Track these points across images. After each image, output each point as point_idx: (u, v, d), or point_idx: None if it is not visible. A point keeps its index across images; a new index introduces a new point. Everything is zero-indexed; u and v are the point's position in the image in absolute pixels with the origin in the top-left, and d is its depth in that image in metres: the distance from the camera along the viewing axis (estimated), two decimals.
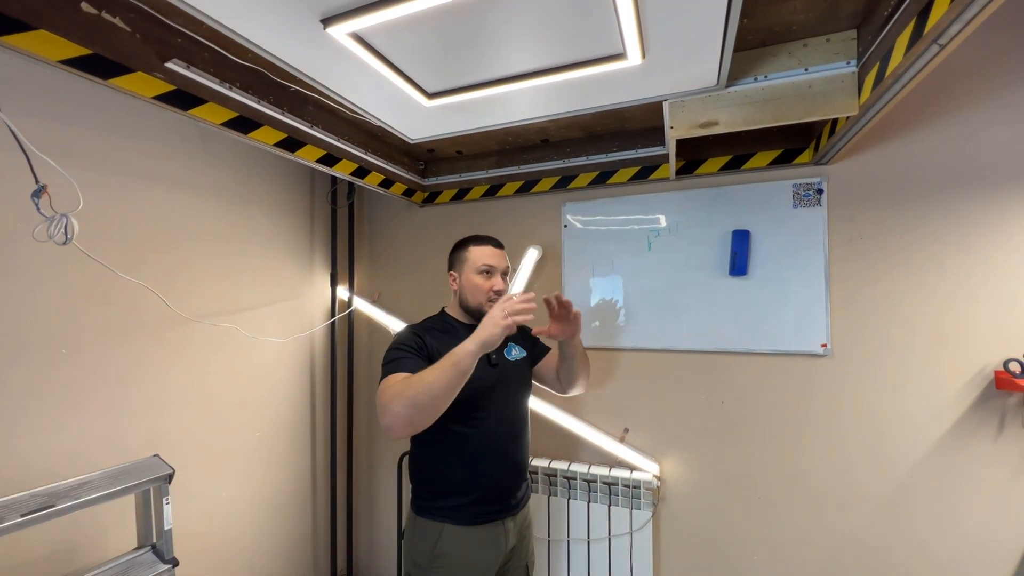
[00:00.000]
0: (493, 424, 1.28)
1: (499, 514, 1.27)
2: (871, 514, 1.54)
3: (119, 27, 1.03)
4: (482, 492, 1.25)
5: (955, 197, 1.46)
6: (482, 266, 1.32)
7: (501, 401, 1.31)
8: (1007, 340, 1.40)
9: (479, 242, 1.37)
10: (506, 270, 1.37)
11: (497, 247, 1.37)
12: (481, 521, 1.24)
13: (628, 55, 1.08)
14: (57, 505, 1.02)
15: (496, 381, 1.30)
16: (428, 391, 1.04)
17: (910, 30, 0.93)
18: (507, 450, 1.30)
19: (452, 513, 1.23)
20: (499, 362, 1.35)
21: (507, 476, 1.30)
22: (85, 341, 1.34)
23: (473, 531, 1.24)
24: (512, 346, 1.42)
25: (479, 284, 1.32)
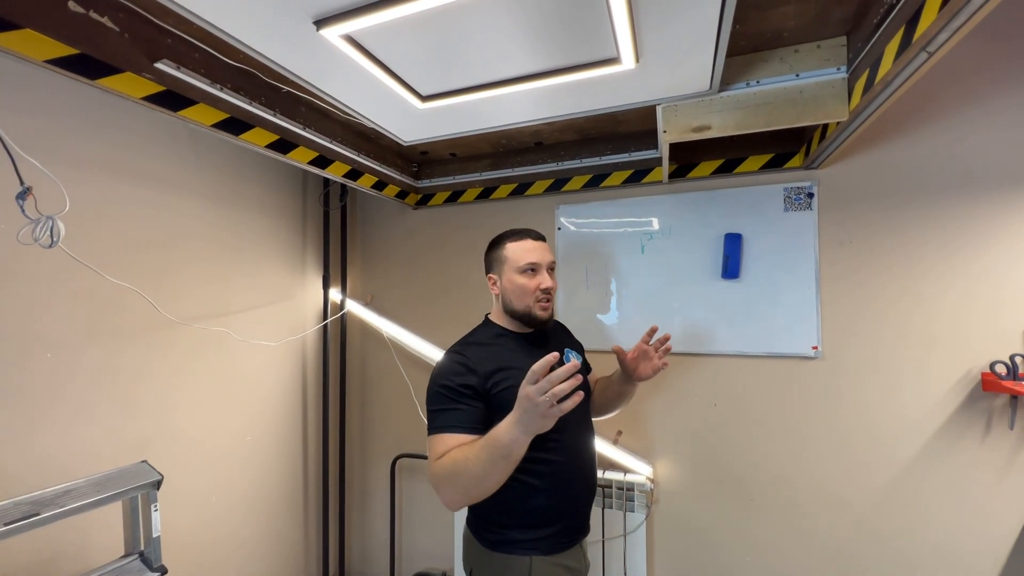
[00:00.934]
0: (571, 442, 1.15)
1: (580, 535, 1.16)
2: (862, 514, 1.55)
3: (107, 27, 1.02)
4: (571, 516, 1.14)
5: (943, 201, 1.49)
6: (525, 265, 1.16)
7: (573, 420, 1.13)
8: (994, 342, 1.42)
9: (516, 237, 1.21)
10: (552, 264, 1.21)
11: (537, 239, 1.21)
12: (565, 547, 1.13)
13: (622, 59, 1.08)
14: (42, 513, 0.99)
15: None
16: (479, 484, 0.95)
17: (899, 38, 0.94)
18: (585, 467, 1.17)
19: (541, 544, 1.09)
20: None
21: (586, 497, 1.18)
22: (72, 345, 1.31)
23: (560, 558, 1.11)
24: (568, 353, 1.24)
25: (524, 284, 1.16)
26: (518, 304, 1.18)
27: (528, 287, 1.16)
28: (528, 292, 1.16)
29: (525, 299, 1.17)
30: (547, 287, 1.17)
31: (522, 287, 1.17)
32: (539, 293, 1.16)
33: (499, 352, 1.14)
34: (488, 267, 1.26)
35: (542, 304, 1.17)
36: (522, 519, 1.10)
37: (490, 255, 1.25)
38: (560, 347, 1.24)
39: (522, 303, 1.17)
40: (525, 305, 1.17)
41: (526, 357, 1.11)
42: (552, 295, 1.19)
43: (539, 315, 1.17)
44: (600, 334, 1.89)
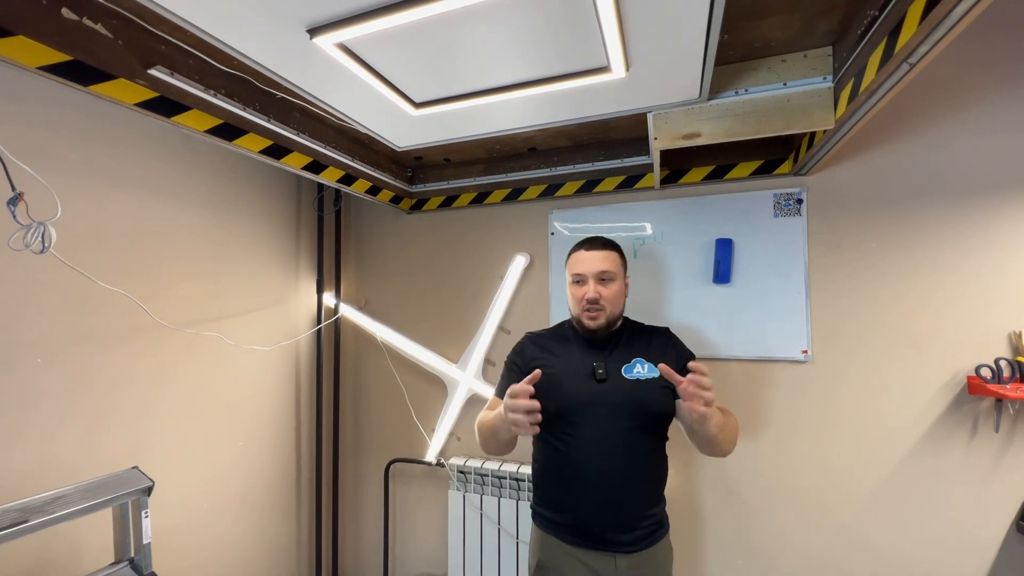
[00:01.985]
0: (586, 445, 1.14)
1: (603, 545, 1.14)
2: (852, 515, 1.57)
3: (101, 33, 1.02)
4: (575, 515, 1.17)
5: (928, 207, 1.51)
6: (573, 276, 1.25)
7: (597, 423, 1.14)
8: (979, 346, 1.45)
9: (576, 248, 1.28)
10: (602, 274, 1.21)
11: (591, 248, 1.24)
12: (581, 544, 1.15)
13: (612, 68, 1.10)
14: (30, 520, 0.99)
15: (596, 399, 1.15)
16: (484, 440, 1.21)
17: (881, 49, 0.96)
18: (600, 482, 1.14)
19: (556, 528, 1.19)
20: (608, 377, 1.17)
21: (600, 511, 1.14)
22: (62, 351, 1.31)
23: (573, 550, 1.15)
24: (639, 362, 1.20)
25: (573, 294, 1.25)
26: (572, 311, 1.29)
27: (575, 296, 1.25)
28: (576, 302, 1.25)
29: (575, 308, 1.26)
30: (591, 297, 1.20)
31: (572, 297, 1.27)
32: (585, 303, 1.22)
33: (556, 344, 1.29)
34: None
35: (590, 314, 1.21)
36: (540, 492, 1.26)
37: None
38: (628, 355, 1.22)
39: (574, 312, 1.28)
40: (576, 313, 1.26)
41: (575, 353, 1.25)
42: (601, 303, 1.20)
43: (587, 324, 1.23)
44: None
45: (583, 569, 1.15)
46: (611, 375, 1.18)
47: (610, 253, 1.24)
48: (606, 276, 1.22)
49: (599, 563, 1.14)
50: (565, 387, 1.17)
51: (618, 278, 1.24)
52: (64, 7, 0.96)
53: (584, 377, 1.18)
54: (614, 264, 1.23)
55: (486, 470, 1.91)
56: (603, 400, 1.16)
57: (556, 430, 1.18)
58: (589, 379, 1.18)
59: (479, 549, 1.90)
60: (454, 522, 1.95)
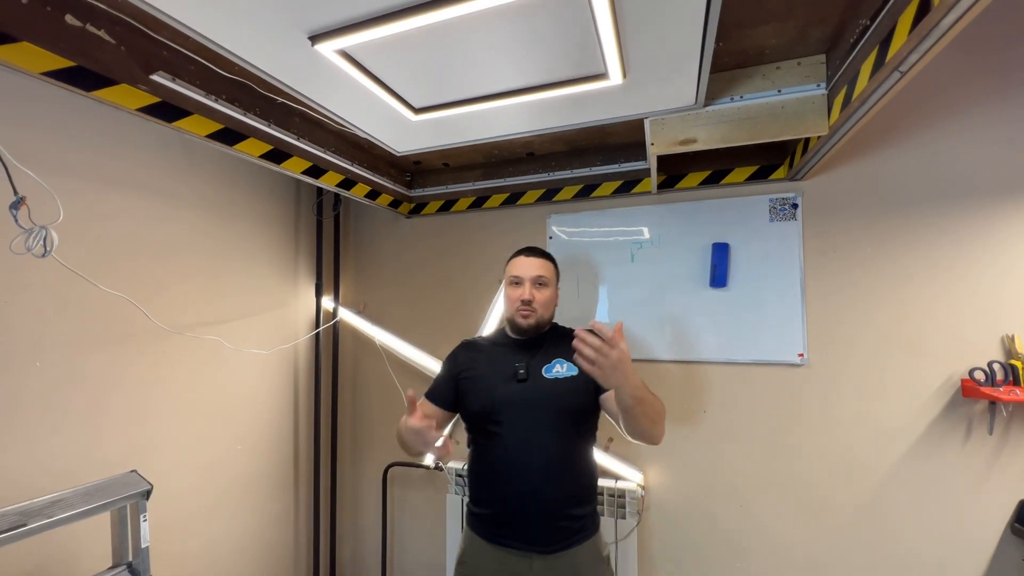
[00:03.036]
0: (510, 441, 1.19)
1: (521, 543, 1.16)
2: (849, 518, 1.58)
3: (104, 39, 1.03)
4: (494, 511, 1.22)
5: (922, 211, 1.53)
6: (511, 278, 1.33)
7: (522, 419, 1.19)
8: (973, 349, 1.46)
9: (515, 255, 1.37)
10: (538, 279, 1.30)
11: (529, 255, 1.34)
12: (500, 542, 1.18)
13: (610, 75, 1.11)
14: (29, 524, 0.99)
15: (517, 398, 1.21)
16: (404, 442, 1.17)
17: (873, 57, 0.98)
18: (527, 472, 1.17)
19: (475, 523, 1.26)
20: (528, 377, 1.23)
21: (517, 508, 1.17)
22: (62, 354, 1.31)
23: (492, 549, 1.19)
24: (558, 362, 1.26)
25: (509, 295, 1.33)
26: (506, 312, 1.35)
27: (511, 297, 1.32)
28: (511, 302, 1.32)
29: (510, 308, 1.33)
30: (526, 298, 1.28)
31: (508, 297, 1.34)
32: (519, 304, 1.29)
33: (487, 349, 1.36)
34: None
35: (523, 312, 1.29)
36: (471, 488, 1.30)
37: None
38: (549, 357, 1.30)
39: (508, 311, 1.34)
40: (510, 313, 1.33)
41: (502, 356, 1.31)
42: (534, 306, 1.28)
43: (520, 322, 1.30)
44: None
45: (499, 568, 1.18)
46: (532, 375, 1.25)
47: (547, 262, 1.35)
48: (541, 281, 1.31)
49: (515, 562, 1.17)
50: (488, 388, 1.26)
51: (551, 285, 1.34)
52: (68, 13, 0.97)
53: (506, 378, 1.25)
54: (549, 272, 1.34)
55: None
56: (523, 399, 1.22)
57: (482, 429, 1.25)
58: (511, 380, 1.25)
59: None
60: (452, 526, 1.95)
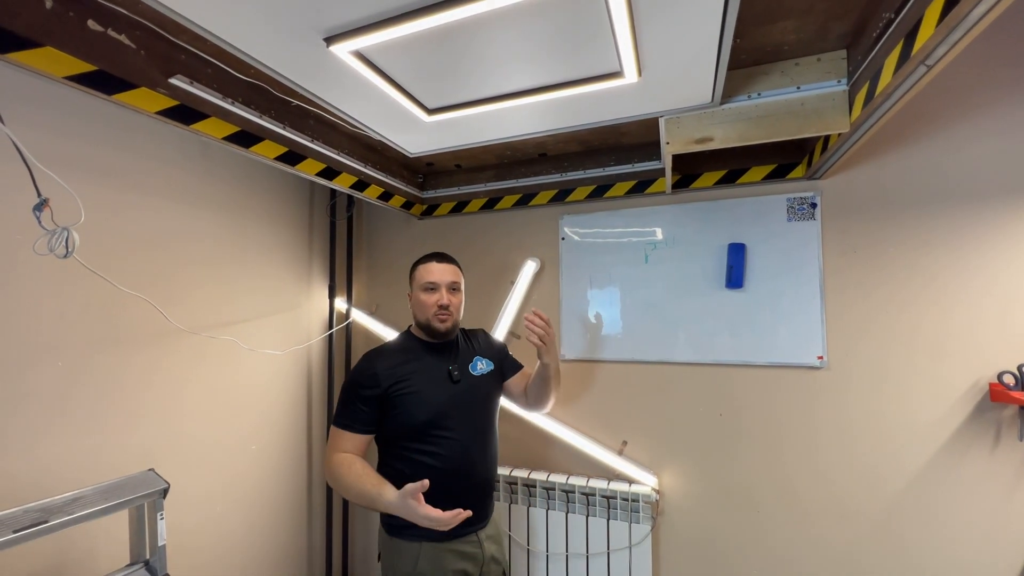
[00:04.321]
0: (460, 440, 1.29)
1: (470, 526, 1.28)
2: (870, 526, 1.54)
3: (125, 44, 1.05)
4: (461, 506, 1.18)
5: (945, 210, 1.49)
6: (426, 283, 1.36)
7: (466, 418, 1.32)
8: (1001, 352, 1.42)
9: (424, 260, 1.41)
10: (452, 284, 1.38)
11: (441, 261, 1.40)
12: (455, 535, 1.25)
13: (625, 73, 1.10)
14: (50, 521, 1.00)
15: (458, 399, 1.33)
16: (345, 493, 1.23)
17: (898, 51, 0.96)
18: (475, 464, 1.31)
19: (428, 531, 1.19)
20: (461, 378, 1.36)
21: (477, 490, 1.31)
22: (83, 354, 1.33)
23: (449, 544, 1.26)
24: (479, 359, 1.44)
25: (424, 300, 1.35)
26: (420, 316, 1.37)
27: (427, 302, 1.35)
28: (427, 306, 1.35)
29: (425, 312, 1.35)
30: (444, 303, 1.34)
31: (423, 302, 1.36)
32: (436, 308, 1.34)
33: (405, 358, 1.33)
34: (409, 286, 1.45)
35: (440, 317, 1.34)
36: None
37: (409, 276, 1.45)
38: (468, 355, 1.42)
39: (423, 315, 1.36)
40: (425, 317, 1.35)
41: (428, 363, 1.34)
42: (451, 311, 1.36)
43: (437, 327, 1.35)
44: (605, 344, 1.89)
45: (459, 559, 1.26)
46: (462, 376, 1.36)
47: (457, 268, 1.42)
48: (455, 286, 1.39)
49: (469, 546, 1.29)
50: (431, 395, 1.29)
51: (461, 290, 1.42)
52: (90, 19, 0.99)
53: (442, 382, 1.32)
54: (460, 277, 1.42)
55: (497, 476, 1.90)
56: (462, 398, 1.33)
57: (424, 437, 1.26)
58: (447, 382, 1.33)
59: None
60: None
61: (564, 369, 1.96)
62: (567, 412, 1.94)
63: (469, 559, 1.28)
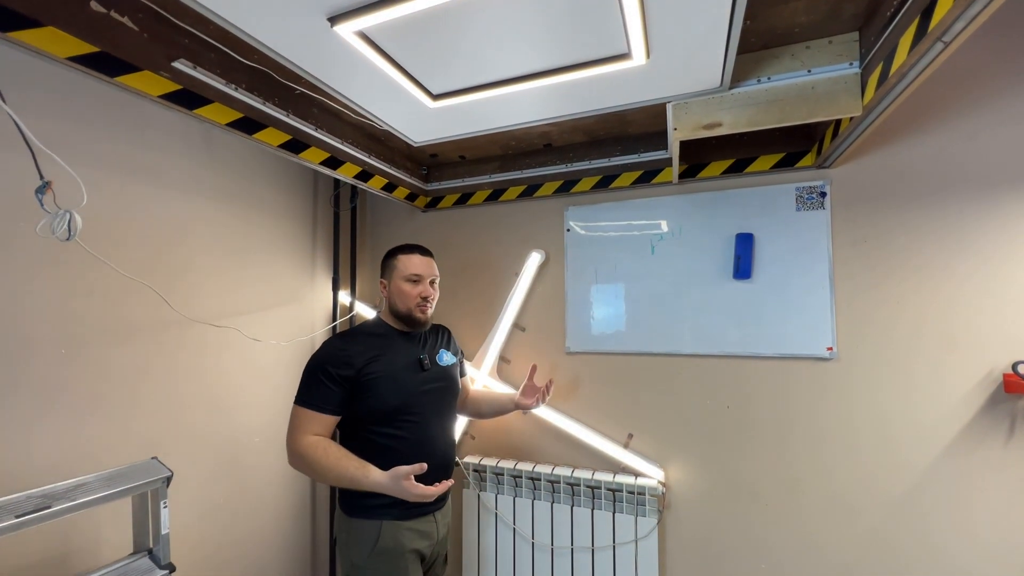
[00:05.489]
0: (425, 426, 1.34)
1: (429, 508, 1.34)
2: (880, 520, 1.51)
3: (127, 26, 1.04)
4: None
5: (958, 199, 1.46)
6: (411, 274, 1.38)
7: (432, 405, 1.37)
8: (1015, 342, 1.39)
9: (406, 251, 1.43)
10: (434, 278, 1.43)
11: (424, 255, 1.44)
12: (415, 515, 1.31)
13: (633, 55, 1.08)
14: (53, 506, 0.99)
15: (427, 386, 1.37)
16: (323, 478, 1.25)
17: (913, 29, 0.93)
18: (437, 449, 1.36)
19: (388, 510, 1.28)
20: (431, 367, 1.40)
21: (439, 472, 1.33)
22: (85, 341, 1.32)
23: (409, 523, 1.30)
24: (443, 352, 1.48)
25: (407, 291, 1.38)
26: (401, 306, 1.39)
27: (411, 293, 1.38)
28: (411, 297, 1.38)
29: (407, 303, 1.38)
30: (427, 295, 1.39)
31: (406, 292, 1.38)
32: (419, 299, 1.38)
33: (377, 343, 1.35)
34: (381, 273, 1.47)
35: (421, 308, 1.39)
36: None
37: (384, 263, 1.46)
38: (435, 347, 1.47)
39: (404, 306, 1.39)
40: (407, 307, 1.39)
41: (399, 350, 1.37)
42: (430, 303, 1.41)
43: (418, 316, 1.39)
44: (611, 337, 1.87)
45: (417, 538, 1.31)
46: (432, 365, 1.42)
47: (435, 263, 1.46)
48: (435, 280, 1.44)
49: (427, 526, 1.34)
50: (403, 381, 1.33)
51: (437, 285, 1.46)
52: (92, 0, 0.98)
53: (413, 368, 1.37)
54: (437, 273, 1.46)
55: (501, 468, 1.89)
56: (431, 385, 1.39)
57: (395, 421, 1.30)
58: (417, 369, 1.38)
59: (494, 549, 1.88)
60: (468, 522, 1.93)
61: (569, 361, 1.94)
62: (572, 405, 1.92)
63: (425, 537, 1.33)
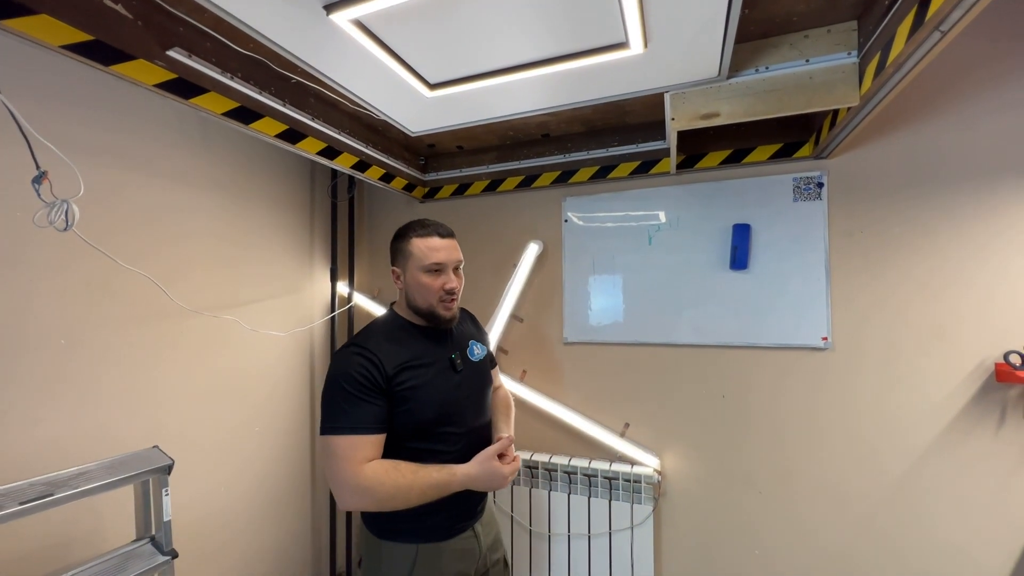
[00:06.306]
0: (466, 434, 1.16)
1: (468, 521, 1.18)
2: (872, 508, 1.54)
3: (121, 14, 1.03)
4: (449, 508, 1.12)
5: (953, 190, 1.47)
6: (431, 264, 1.11)
7: (471, 408, 1.18)
8: (1007, 332, 1.41)
9: (423, 232, 1.14)
10: (459, 263, 1.17)
11: (445, 236, 1.15)
12: (454, 533, 1.14)
13: (630, 44, 1.08)
14: (56, 494, 1.01)
15: (463, 390, 1.17)
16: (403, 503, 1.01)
17: (911, 18, 0.93)
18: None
19: (423, 532, 1.11)
20: (464, 367, 1.19)
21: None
22: (85, 332, 1.33)
23: (447, 544, 1.13)
24: (474, 344, 1.26)
25: (428, 284, 1.12)
26: (421, 302, 1.14)
27: (432, 287, 1.12)
28: (432, 292, 1.13)
29: (428, 298, 1.13)
30: (451, 287, 1.13)
31: (426, 286, 1.12)
32: (443, 293, 1.13)
33: (404, 347, 1.12)
34: (392, 258, 1.19)
35: (446, 304, 1.14)
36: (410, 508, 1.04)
37: (395, 246, 1.18)
38: (464, 340, 1.25)
39: (425, 302, 1.14)
40: (428, 304, 1.14)
41: (427, 351, 1.14)
42: (457, 295, 1.16)
43: (442, 315, 1.15)
44: (608, 327, 1.88)
45: (457, 560, 1.14)
46: (464, 363, 1.20)
47: (457, 242, 1.18)
48: (460, 265, 1.18)
49: (467, 541, 1.16)
50: (439, 390, 1.11)
51: (462, 269, 1.20)
52: None
53: (447, 371, 1.15)
54: (461, 255, 1.19)
55: None
56: (467, 387, 1.18)
57: (431, 436, 1.10)
58: (451, 373, 1.16)
59: None
60: None
61: (567, 352, 1.96)
62: (570, 394, 1.94)
63: (467, 557, 1.16)
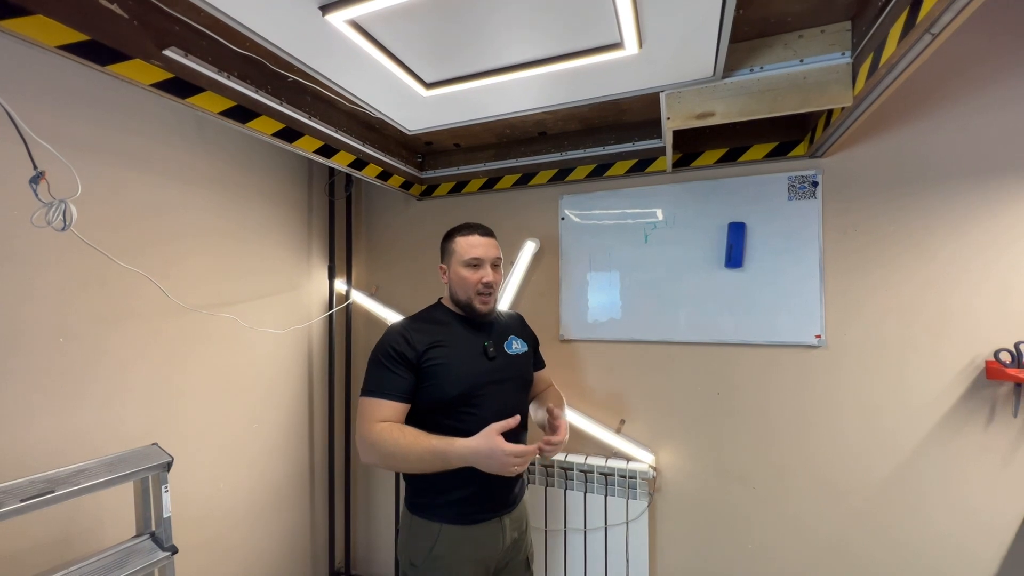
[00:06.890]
0: (490, 420, 1.17)
1: (495, 512, 1.23)
2: (864, 503, 1.56)
3: (117, 14, 1.03)
4: (475, 489, 1.19)
5: (946, 189, 1.48)
6: (470, 259, 1.25)
7: (496, 397, 1.24)
8: (998, 330, 1.42)
9: (465, 231, 1.30)
10: (496, 260, 1.29)
11: (484, 235, 1.30)
12: (478, 520, 1.21)
13: (625, 45, 1.08)
14: (56, 491, 1.02)
15: (493, 376, 1.25)
16: (403, 463, 1.12)
17: (903, 20, 0.94)
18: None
19: (448, 512, 1.19)
20: (497, 355, 1.28)
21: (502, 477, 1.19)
22: (83, 330, 1.34)
23: (470, 530, 1.20)
24: (513, 339, 1.35)
25: (467, 278, 1.26)
26: (461, 295, 1.28)
27: (470, 280, 1.26)
28: (470, 284, 1.26)
29: (467, 291, 1.26)
30: (488, 281, 1.26)
31: (465, 279, 1.26)
32: (480, 286, 1.26)
33: (439, 331, 1.25)
34: (441, 256, 1.36)
35: (483, 297, 1.26)
36: (431, 483, 1.19)
37: (443, 245, 1.35)
38: (504, 333, 1.35)
39: (464, 294, 1.27)
40: (467, 296, 1.27)
41: (462, 337, 1.26)
42: (494, 289, 1.28)
43: (479, 307, 1.27)
44: (604, 324, 1.89)
45: (478, 548, 1.20)
46: (498, 353, 1.29)
47: (496, 241, 1.32)
48: (498, 262, 1.30)
49: (491, 531, 1.22)
50: (465, 370, 1.21)
51: (501, 266, 1.33)
52: None
53: (477, 357, 1.25)
54: (500, 252, 1.32)
55: None
56: (497, 376, 1.26)
57: (452, 412, 1.19)
58: (482, 358, 1.26)
59: None
60: None
61: (564, 349, 1.97)
62: (567, 391, 1.95)
63: (489, 546, 1.21)
